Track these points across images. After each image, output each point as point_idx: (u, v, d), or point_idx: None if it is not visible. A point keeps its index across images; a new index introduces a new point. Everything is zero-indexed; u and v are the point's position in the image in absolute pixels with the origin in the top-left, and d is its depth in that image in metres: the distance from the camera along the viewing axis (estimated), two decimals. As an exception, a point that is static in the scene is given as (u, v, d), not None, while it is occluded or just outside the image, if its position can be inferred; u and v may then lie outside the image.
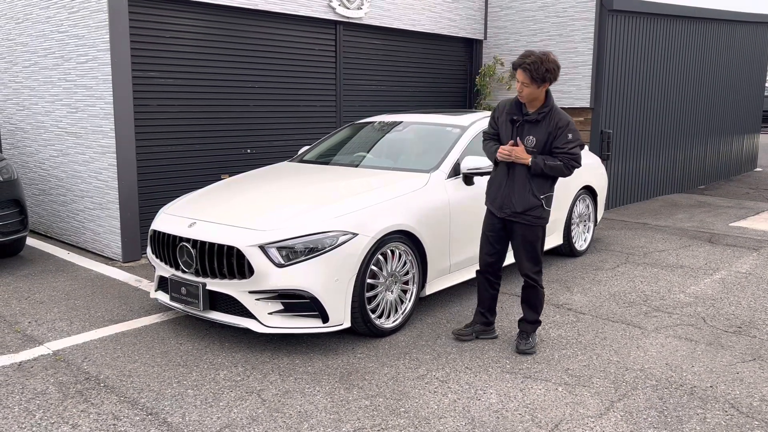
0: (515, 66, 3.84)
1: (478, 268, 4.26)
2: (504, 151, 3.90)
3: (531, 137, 3.89)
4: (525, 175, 3.91)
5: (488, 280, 4.23)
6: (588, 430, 3.16)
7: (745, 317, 4.77)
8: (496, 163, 4.04)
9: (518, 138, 3.92)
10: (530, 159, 3.86)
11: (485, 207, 4.21)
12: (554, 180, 4.02)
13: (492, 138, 4.12)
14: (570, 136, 3.85)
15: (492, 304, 4.29)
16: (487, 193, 4.15)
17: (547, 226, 5.87)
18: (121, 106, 5.90)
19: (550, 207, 4.03)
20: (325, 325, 4.03)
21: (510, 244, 4.14)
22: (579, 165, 3.91)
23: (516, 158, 3.87)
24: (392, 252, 4.34)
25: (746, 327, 4.57)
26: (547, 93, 3.91)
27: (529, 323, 4.16)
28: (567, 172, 3.89)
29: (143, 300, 5.08)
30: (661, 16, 9.45)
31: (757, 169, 14.06)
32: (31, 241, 6.90)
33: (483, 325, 4.29)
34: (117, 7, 5.77)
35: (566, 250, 6.37)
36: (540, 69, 3.74)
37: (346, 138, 6.06)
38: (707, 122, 11.36)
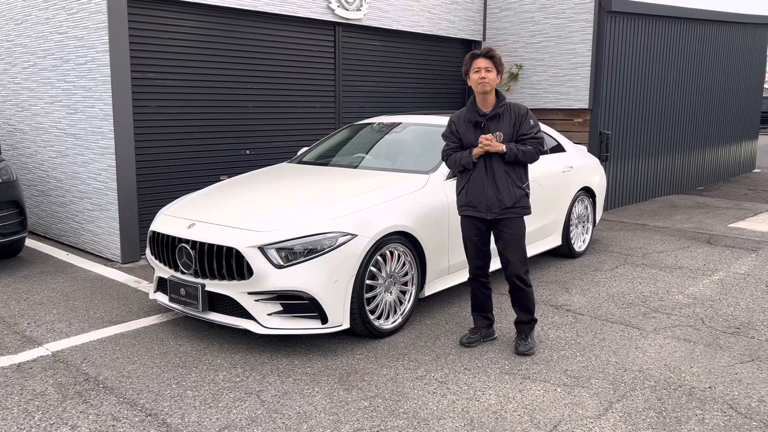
0: (476, 56, 3.99)
1: (470, 276, 4.26)
2: (483, 140, 3.90)
3: (498, 133, 3.98)
4: (503, 170, 3.97)
5: (482, 282, 4.24)
6: (587, 431, 3.17)
7: (743, 318, 4.78)
8: (474, 164, 4.01)
9: (495, 134, 3.99)
10: (504, 146, 3.92)
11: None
12: (527, 169, 4.11)
13: (454, 151, 4.13)
14: (531, 122, 4.03)
15: (490, 303, 4.30)
16: (466, 201, 4.09)
17: (546, 226, 5.93)
18: (120, 107, 5.91)
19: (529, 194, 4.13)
20: (324, 326, 4.03)
21: (497, 246, 4.14)
22: (543, 148, 4.07)
23: (493, 147, 3.89)
24: (391, 253, 4.35)
25: (744, 328, 4.58)
26: (497, 90, 4.07)
27: (526, 324, 4.17)
28: (537, 156, 4.03)
29: (142, 301, 5.08)
30: (660, 17, 9.47)
31: (756, 170, 14.08)
32: (30, 243, 6.90)
33: (486, 327, 4.30)
34: (116, 8, 5.78)
35: (565, 251, 6.37)
36: (500, 58, 4.04)
37: (345, 139, 6.06)
38: (706, 123, 11.39)
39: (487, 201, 4.00)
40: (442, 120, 5.72)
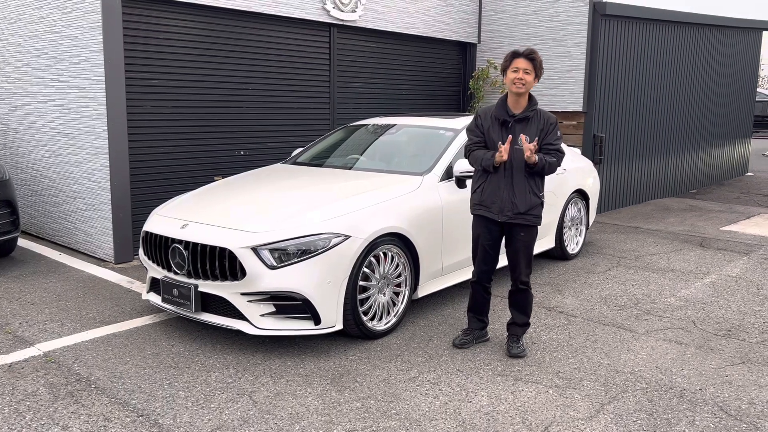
0: (517, 54, 3.89)
1: (474, 279, 4.22)
2: (527, 147, 3.76)
3: (524, 136, 3.92)
4: (523, 175, 3.93)
5: (484, 287, 4.23)
6: (578, 433, 3.18)
7: (734, 321, 4.80)
8: (494, 168, 3.93)
9: (520, 137, 3.89)
10: (537, 157, 3.83)
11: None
12: (544, 179, 4.08)
13: (478, 146, 4.07)
14: (558, 133, 3.99)
15: (488, 307, 4.31)
16: (479, 200, 4.06)
17: (540, 228, 5.93)
18: (114, 107, 5.90)
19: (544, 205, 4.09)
20: (317, 327, 4.03)
21: (506, 248, 4.13)
22: (561, 163, 4.05)
23: (530, 157, 3.76)
24: (385, 254, 4.35)
25: (736, 330, 4.60)
26: (530, 94, 4.01)
27: (520, 326, 4.18)
28: (557, 167, 4.01)
29: (135, 301, 5.07)
30: (654, 21, 9.51)
31: (748, 174, 14.15)
32: (22, 242, 6.87)
33: (480, 329, 4.31)
34: (110, 8, 5.77)
35: (558, 253, 6.39)
36: (541, 62, 3.93)
37: (340, 140, 6.07)
38: (699, 127, 11.44)
39: (501, 203, 3.96)
40: (437, 122, 5.74)
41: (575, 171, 6.52)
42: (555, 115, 4.03)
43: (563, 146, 4.10)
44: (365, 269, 4.21)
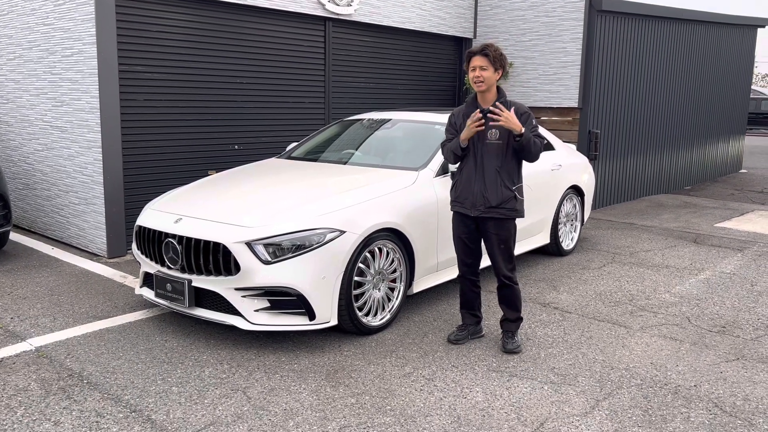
0: (472, 53, 3.93)
1: (459, 273, 4.26)
2: (498, 114, 3.74)
3: (494, 130, 3.93)
4: (494, 168, 3.93)
5: (471, 280, 4.24)
6: (573, 429, 3.17)
7: (729, 317, 4.81)
8: (463, 150, 3.94)
9: (491, 131, 3.93)
10: (522, 127, 3.79)
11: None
12: (521, 170, 4.05)
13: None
14: (533, 121, 3.98)
15: (479, 301, 4.31)
16: (455, 196, 4.10)
17: (534, 225, 5.93)
18: (107, 100, 5.85)
19: (522, 197, 4.05)
20: (312, 322, 4.01)
21: (484, 244, 4.13)
22: (542, 150, 4.01)
23: (510, 122, 3.74)
24: (380, 250, 4.33)
25: (730, 327, 4.61)
26: (498, 87, 4.01)
27: (512, 322, 4.17)
28: (540, 151, 3.97)
29: (128, 296, 5.04)
30: (650, 17, 9.51)
31: (742, 171, 14.19)
32: (14, 236, 6.83)
33: (474, 325, 4.31)
34: None
35: (553, 250, 6.39)
36: (497, 53, 3.91)
37: (335, 135, 6.04)
38: (694, 123, 11.46)
39: (473, 198, 3.98)
40: (432, 117, 5.72)
41: (570, 167, 6.51)
42: (527, 106, 4.04)
43: (543, 131, 4.07)
44: (360, 264, 4.19)
